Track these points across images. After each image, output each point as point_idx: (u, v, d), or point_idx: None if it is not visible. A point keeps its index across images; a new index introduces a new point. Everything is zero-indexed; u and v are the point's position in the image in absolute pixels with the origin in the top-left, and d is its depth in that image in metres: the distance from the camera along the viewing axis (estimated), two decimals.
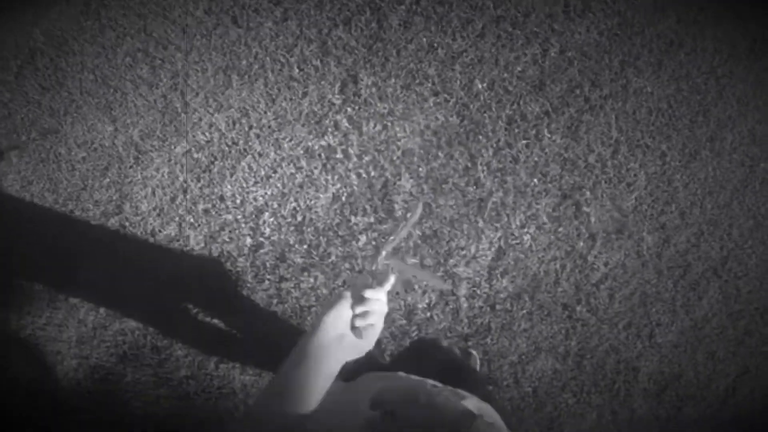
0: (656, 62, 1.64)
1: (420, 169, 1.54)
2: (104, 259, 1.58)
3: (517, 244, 1.53)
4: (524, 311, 1.52)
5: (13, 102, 1.66)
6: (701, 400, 1.58)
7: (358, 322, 0.57)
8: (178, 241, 1.55)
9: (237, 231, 1.54)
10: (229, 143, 1.56)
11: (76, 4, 1.67)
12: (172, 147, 1.58)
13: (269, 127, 1.56)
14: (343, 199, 1.53)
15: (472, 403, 0.68)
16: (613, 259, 1.56)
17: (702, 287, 1.59)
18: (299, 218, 1.53)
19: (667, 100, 1.64)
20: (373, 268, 0.59)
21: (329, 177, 1.54)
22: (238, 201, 1.55)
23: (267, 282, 1.51)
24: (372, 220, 1.53)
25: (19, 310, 1.60)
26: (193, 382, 1.54)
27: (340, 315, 0.56)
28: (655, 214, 1.58)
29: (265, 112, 1.57)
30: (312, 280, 1.51)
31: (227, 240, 1.54)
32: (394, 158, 1.54)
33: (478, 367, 1.49)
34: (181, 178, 1.56)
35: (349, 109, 1.56)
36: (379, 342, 1.51)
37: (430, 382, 0.71)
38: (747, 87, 1.66)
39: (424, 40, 1.59)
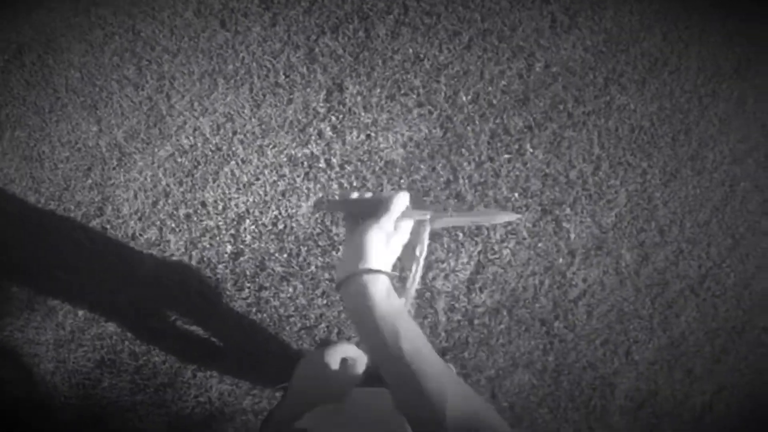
0: (640, 80, 1.66)
1: (402, 180, 1.54)
2: (84, 262, 1.57)
3: (497, 258, 1.53)
4: (502, 326, 1.53)
5: None
6: (677, 417, 1.59)
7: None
8: (158, 245, 1.54)
9: (218, 237, 1.53)
10: (213, 148, 1.56)
11: (66, 1, 1.66)
12: (156, 150, 1.57)
13: (253, 133, 1.56)
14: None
15: None
16: (592, 276, 1.57)
17: (679, 305, 1.60)
18: (280, 226, 1.52)
19: (650, 118, 1.65)
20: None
21: (311, 186, 1.54)
22: (219, 207, 1.54)
23: (246, 290, 1.51)
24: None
25: None
26: (170, 390, 1.52)
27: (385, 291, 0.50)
28: (634, 232, 1.60)
29: (250, 118, 1.57)
30: (291, 289, 1.51)
31: (208, 246, 1.53)
32: (377, 169, 1.54)
33: None
34: (163, 182, 1.55)
35: (333, 118, 1.56)
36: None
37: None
38: (729, 107, 1.68)
39: (411, 50, 1.59)
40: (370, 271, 0.49)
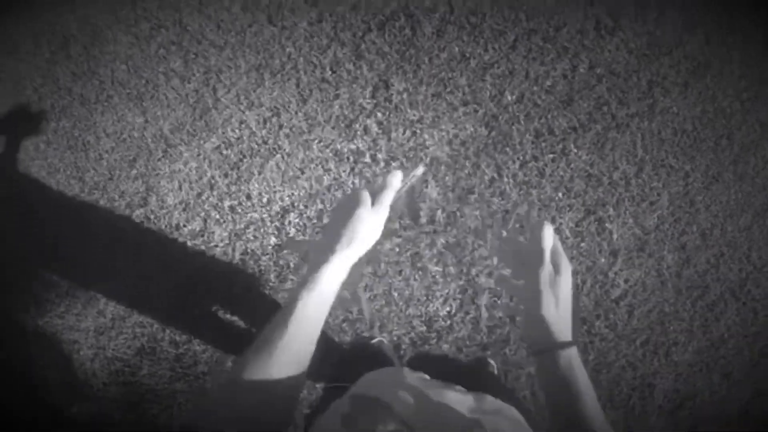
0: (683, 83, 1.66)
1: (447, 177, 1.55)
2: (127, 251, 1.58)
3: None
4: None
5: (44, 87, 1.67)
6: (715, 420, 1.59)
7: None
8: (202, 236, 1.55)
9: (262, 230, 1.54)
10: (259, 142, 1.57)
11: None
12: (202, 142, 1.58)
13: (299, 127, 1.57)
14: None
15: (495, 405, 0.69)
16: (634, 277, 1.56)
17: (720, 308, 1.60)
18: (325, 220, 1.53)
19: (693, 122, 1.65)
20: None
21: (356, 180, 1.55)
22: (264, 200, 1.55)
23: (290, 282, 1.52)
24: (396, 226, 1.53)
25: (38, 297, 1.60)
26: (210, 379, 1.53)
27: (337, 270, 0.53)
28: (676, 234, 1.59)
29: (296, 113, 1.58)
30: None
31: (252, 238, 1.54)
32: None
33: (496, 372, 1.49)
34: (209, 174, 1.57)
35: (379, 114, 1.57)
36: (398, 347, 1.51)
37: (456, 386, 0.71)
38: None
39: (456, 49, 1.60)
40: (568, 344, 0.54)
